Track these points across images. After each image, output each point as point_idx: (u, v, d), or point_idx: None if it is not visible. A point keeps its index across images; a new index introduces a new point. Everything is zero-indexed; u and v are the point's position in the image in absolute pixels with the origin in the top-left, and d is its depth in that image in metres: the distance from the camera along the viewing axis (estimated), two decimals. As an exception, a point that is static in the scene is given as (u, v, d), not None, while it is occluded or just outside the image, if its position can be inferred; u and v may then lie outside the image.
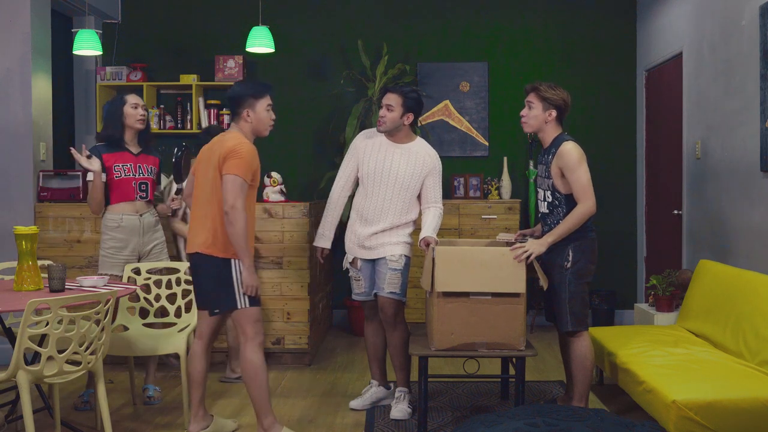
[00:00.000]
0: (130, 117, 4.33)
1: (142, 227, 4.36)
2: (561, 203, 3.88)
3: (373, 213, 4.15)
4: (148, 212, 4.40)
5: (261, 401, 3.61)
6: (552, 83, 3.98)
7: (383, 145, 4.18)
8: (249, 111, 3.67)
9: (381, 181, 4.13)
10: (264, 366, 3.62)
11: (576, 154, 3.80)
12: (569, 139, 3.89)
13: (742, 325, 3.96)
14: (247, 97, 3.66)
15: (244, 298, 3.58)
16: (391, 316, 4.15)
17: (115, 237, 4.32)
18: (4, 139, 5.26)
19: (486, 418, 3.06)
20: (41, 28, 5.42)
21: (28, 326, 3.08)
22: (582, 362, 3.90)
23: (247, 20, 6.23)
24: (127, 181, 4.32)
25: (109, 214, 4.33)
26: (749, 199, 4.48)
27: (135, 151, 4.39)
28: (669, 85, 5.96)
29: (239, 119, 3.69)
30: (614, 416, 3.06)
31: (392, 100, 4.11)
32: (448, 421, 4.11)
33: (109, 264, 4.34)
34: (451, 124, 6.75)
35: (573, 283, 3.84)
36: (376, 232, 4.14)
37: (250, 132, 3.71)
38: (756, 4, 4.34)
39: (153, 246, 4.43)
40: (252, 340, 3.61)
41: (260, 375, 3.59)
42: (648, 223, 6.52)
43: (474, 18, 6.80)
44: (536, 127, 3.97)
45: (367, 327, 4.35)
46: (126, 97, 4.37)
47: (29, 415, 3.16)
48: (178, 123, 6.70)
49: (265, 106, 3.71)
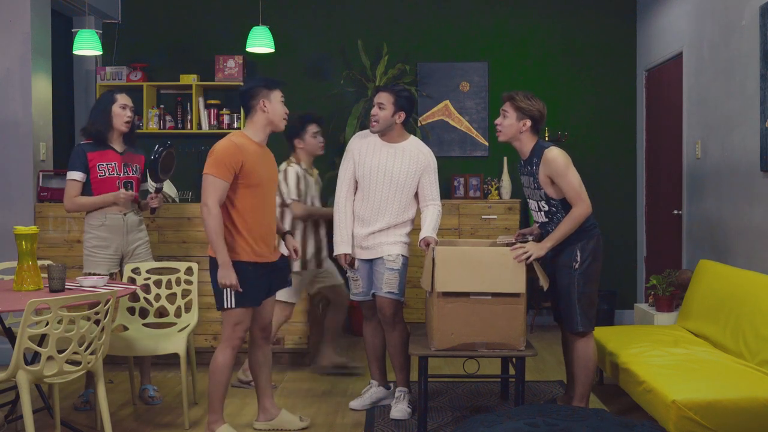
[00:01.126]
0: (117, 117, 4.27)
1: (126, 226, 4.32)
2: (558, 209, 3.86)
3: (370, 213, 4.15)
4: (131, 211, 4.36)
5: (215, 398, 3.68)
6: (529, 93, 3.92)
7: (377, 146, 4.17)
8: (265, 101, 3.68)
9: (377, 182, 4.13)
10: (229, 369, 3.67)
11: (562, 159, 3.79)
12: (550, 146, 3.86)
13: (742, 325, 3.96)
14: (261, 88, 3.69)
15: (230, 299, 3.61)
16: (389, 316, 4.15)
17: (98, 236, 4.27)
18: (4, 139, 5.26)
19: (486, 418, 3.06)
20: (41, 28, 5.42)
21: (28, 326, 3.08)
22: (585, 363, 3.90)
23: (247, 20, 6.23)
24: (111, 180, 4.27)
25: (92, 212, 4.29)
26: (749, 199, 4.48)
27: (120, 149, 4.33)
28: (669, 85, 5.96)
29: (254, 112, 3.70)
30: (614, 416, 3.06)
31: (384, 98, 4.11)
32: (448, 421, 4.11)
33: (92, 263, 4.28)
34: (451, 124, 6.75)
35: (582, 284, 3.84)
36: (374, 232, 4.14)
37: (266, 125, 3.71)
38: (756, 4, 4.34)
39: (137, 246, 4.38)
40: (226, 341, 3.66)
41: (221, 376, 3.65)
42: (648, 223, 6.52)
43: (474, 18, 6.80)
44: (510, 135, 3.92)
45: (366, 327, 4.35)
46: (116, 95, 4.30)
47: (29, 415, 3.16)
48: (178, 123, 6.69)
49: (279, 98, 3.73)
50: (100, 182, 4.26)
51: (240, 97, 3.76)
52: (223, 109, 6.63)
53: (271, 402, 3.94)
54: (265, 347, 3.91)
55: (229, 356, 3.66)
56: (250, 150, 3.63)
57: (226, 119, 6.61)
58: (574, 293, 3.84)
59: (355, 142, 4.26)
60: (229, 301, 3.61)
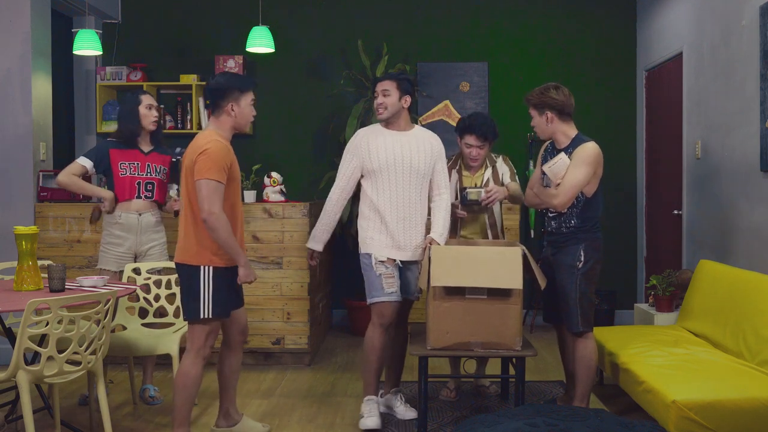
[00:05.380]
0: (145, 118, 4.34)
1: (140, 226, 4.35)
2: (579, 203, 3.85)
3: (396, 207, 3.96)
4: (149, 212, 4.39)
5: (182, 410, 3.50)
6: (548, 85, 3.92)
7: (388, 136, 4.01)
8: (234, 105, 3.51)
9: (395, 172, 3.96)
10: (198, 380, 3.51)
11: (591, 152, 3.78)
12: (591, 141, 3.86)
13: (742, 325, 3.96)
14: (233, 89, 3.50)
15: (208, 308, 3.45)
16: (406, 316, 4.19)
17: (112, 233, 4.35)
18: (4, 139, 5.26)
19: (486, 418, 3.07)
20: (41, 28, 5.42)
21: (28, 326, 3.08)
22: (586, 363, 3.89)
23: (247, 20, 6.24)
24: (131, 179, 4.32)
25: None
26: (749, 199, 4.48)
27: (146, 149, 4.39)
28: (669, 85, 5.96)
29: (221, 112, 3.52)
30: (614, 416, 3.06)
31: (387, 85, 3.98)
32: (448, 421, 4.11)
33: (104, 259, 4.37)
34: (451, 124, 6.74)
35: (583, 284, 3.83)
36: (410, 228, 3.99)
37: (231, 127, 3.55)
38: (756, 4, 4.34)
39: (151, 246, 4.41)
40: (196, 351, 3.50)
41: (191, 387, 3.49)
42: (648, 223, 6.52)
43: (474, 18, 6.80)
44: (543, 132, 3.94)
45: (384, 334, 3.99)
46: (141, 96, 4.36)
47: (29, 415, 3.16)
48: (178, 123, 6.70)
49: (249, 101, 3.57)
50: (121, 180, 4.31)
51: (209, 93, 3.54)
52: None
53: (234, 408, 3.82)
54: (239, 352, 3.78)
55: (201, 368, 3.51)
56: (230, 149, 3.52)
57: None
58: (575, 293, 3.84)
59: (361, 138, 4.04)
60: (207, 311, 3.44)
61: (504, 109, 6.68)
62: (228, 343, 3.77)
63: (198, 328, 3.50)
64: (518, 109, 6.59)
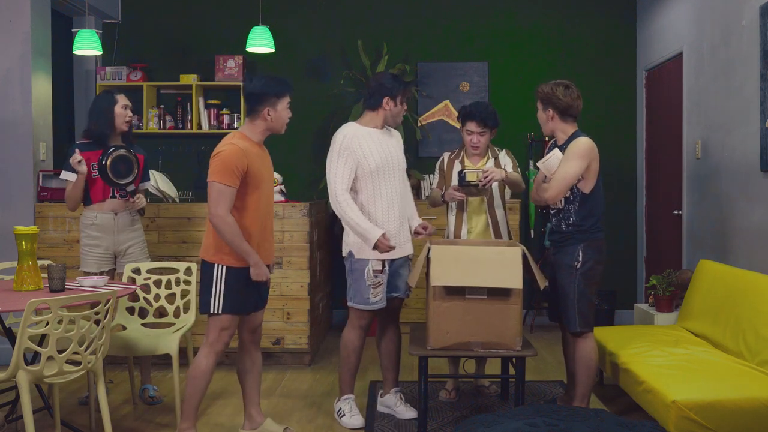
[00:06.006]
0: (119, 117, 4.32)
1: (117, 226, 4.34)
2: (576, 198, 3.86)
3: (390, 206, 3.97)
4: (125, 211, 4.38)
5: (190, 403, 3.55)
6: (559, 82, 3.92)
7: (374, 135, 3.98)
8: (270, 109, 3.55)
9: (388, 171, 3.98)
10: (209, 374, 3.55)
11: (582, 146, 3.78)
12: (584, 136, 3.87)
13: (742, 325, 3.96)
14: (270, 95, 3.54)
15: (218, 304, 3.51)
16: (398, 314, 4.17)
17: (89, 234, 4.33)
18: (4, 139, 5.26)
19: (486, 418, 3.06)
20: (41, 28, 5.42)
21: (28, 326, 3.08)
22: (586, 363, 3.89)
23: (247, 20, 6.24)
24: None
25: (85, 211, 4.35)
26: (749, 199, 4.48)
27: None
28: (669, 85, 5.96)
29: (257, 117, 3.57)
30: (614, 416, 3.06)
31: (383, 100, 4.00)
32: (448, 421, 4.11)
33: (84, 261, 4.36)
34: (451, 124, 6.75)
35: (582, 284, 3.83)
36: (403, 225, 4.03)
37: (265, 130, 3.61)
38: (756, 4, 4.34)
39: (130, 245, 4.39)
40: (210, 346, 3.55)
41: (201, 380, 3.53)
42: (648, 223, 6.52)
43: (474, 18, 6.80)
44: (544, 127, 3.97)
45: (365, 334, 4.12)
46: (116, 96, 4.34)
47: (29, 415, 3.16)
48: (178, 123, 6.69)
49: (286, 105, 3.61)
50: (93, 181, 4.30)
51: (246, 97, 3.59)
52: (223, 109, 6.63)
53: (257, 410, 3.80)
54: (255, 353, 3.78)
55: (212, 362, 3.55)
56: (252, 152, 3.53)
57: (226, 119, 6.61)
58: (573, 293, 3.83)
59: (351, 139, 3.92)
60: (217, 306, 3.51)
61: (504, 109, 6.65)
62: (239, 343, 3.80)
63: (212, 321, 3.56)
64: (518, 109, 6.61)
